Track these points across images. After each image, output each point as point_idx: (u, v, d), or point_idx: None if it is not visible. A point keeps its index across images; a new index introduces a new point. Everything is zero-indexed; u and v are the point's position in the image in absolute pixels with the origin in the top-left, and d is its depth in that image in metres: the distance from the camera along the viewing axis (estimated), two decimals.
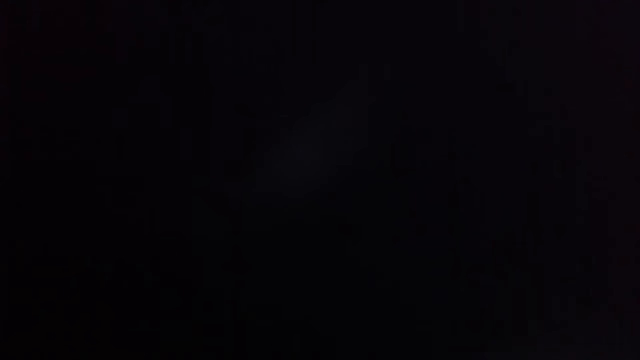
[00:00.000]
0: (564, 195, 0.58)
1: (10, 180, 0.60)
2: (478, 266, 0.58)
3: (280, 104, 0.60)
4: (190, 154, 0.59)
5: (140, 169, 0.59)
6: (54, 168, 0.60)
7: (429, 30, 0.60)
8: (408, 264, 0.58)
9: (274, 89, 0.60)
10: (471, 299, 0.57)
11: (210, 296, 0.58)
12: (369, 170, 0.59)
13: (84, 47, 0.61)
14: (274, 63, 0.60)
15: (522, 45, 0.60)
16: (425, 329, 0.57)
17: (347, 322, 0.57)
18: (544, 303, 0.57)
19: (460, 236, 0.58)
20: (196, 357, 0.58)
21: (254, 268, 0.58)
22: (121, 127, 0.60)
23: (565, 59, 0.60)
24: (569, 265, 0.58)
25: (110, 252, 0.59)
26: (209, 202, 0.59)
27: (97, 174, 0.59)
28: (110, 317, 0.58)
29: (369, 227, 0.58)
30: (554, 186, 0.58)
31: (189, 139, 0.59)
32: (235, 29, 0.60)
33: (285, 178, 0.59)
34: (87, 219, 0.59)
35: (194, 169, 0.59)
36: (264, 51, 0.60)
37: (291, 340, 0.58)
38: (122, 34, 0.61)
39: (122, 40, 0.61)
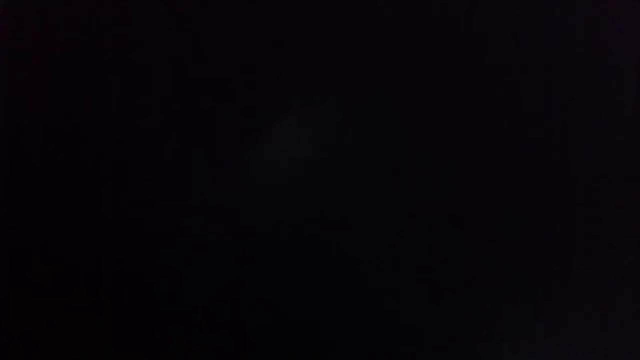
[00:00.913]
0: (563, 194, 0.58)
1: (10, 180, 0.60)
2: (475, 266, 0.58)
3: (277, 103, 0.60)
4: (186, 154, 0.59)
5: (135, 169, 0.59)
6: (53, 168, 0.60)
7: (427, 29, 0.60)
8: (405, 263, 0.58)
9: (272, 88, 0.60)
10: (469, 298, 0.57)
11: (206, 295, 0.58)
12: (367, 169, 0.59)
13: (83, 46, 0.61)
14: (270, 62, 0.60)
15: (521, 44, 0.60)
16: (422, 328, 0.57)
17: (343, 321, 0.58)
18: (543, 303, 0.57)
19: (457, 235, 0.58)
20: (193, 357, 0.58)
21: (249, 267, 0.58)
22: (117, 127, 0.60)
23: (564, 58, 0.60)
24: (569, 264, 0.58)
25: (105, 251, 0.59)
26: (203, 201, 0.59)
27: (94, 173, 0.59)
28: (107, 317, 0.58)
29: (366, 226, 0.58)
30: (553, 186, 0.58)
31: (185, 139, 0.59)
32: (233, 28, 0.60)
33: (284, 177, 0.59)
34: (83, 218, 0.59)
35: (189, 168, 0.59)
36: (261, 50, 0.60)
37: (285, 339, 0.58)
38: (120, 33, 0.61)
39: (120, 39, 0.61)
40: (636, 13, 0.60)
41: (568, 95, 0.59)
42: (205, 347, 0.58)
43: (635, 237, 0.58)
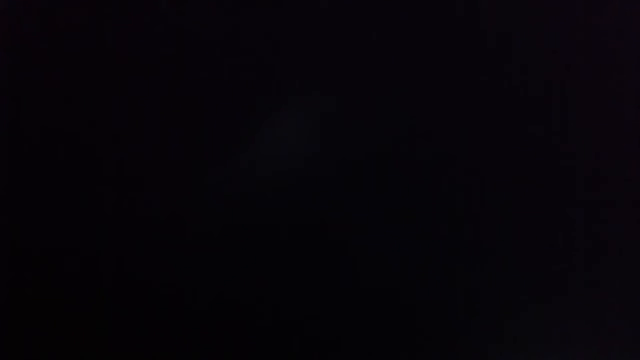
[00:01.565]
0: (563, 194, 0.58)
1: (10, 180, 0.60)
2: (475, 265, 0.58)
3: (276, 102, 0.60)
4: (187, 154, 0.59)
5: (135, 168, 0.59)
6: (53, 168, 0.60)
7: (427, 27, 0.60)
8: (406, 263, 0.58)
9: (273, 87, 0.60)
10: (469, 298, 0.57)
11: (206, 294, 0.58)
12: (368, 169, 0.59)
13: (82, 46, 0.61)
14: (271, 61, 0.60)
15: (521, 44, 0.60)
16: (423, 328, 0.57)
17: (343, 321, 0.58)
18: (543, 303, 0.57)
19: (458, 235, 0.58)
20: (193, 356, 0.58)
21: (249, 266, 0.58)
22: (117, 126, 0.60)
23: (564, 58, 0.60)
24: (568, 264, 0.58)
25: (105, 251, 0.59)
26: (203, 200, 0.59)
27: (94, 172, 0.59)
28: (107, 316, 0.58)
29: (366, 226, 0.58)
30: (552, 185, 0.58)
31: (185, 138, 0.60)
32: (231, 27, 0.60)
33: (284, 177, 0.59)
34: (83, 217, 0.59)
35: (190, 168, 0.59)
36: (261, 50, 0.60)
37: (285, 339, 0.58)
38: (118, 33, 0.61)
39: (117, 38, 0.61)
40: (636, 13, 0.60)
41: (568, 95, 0.59)
42: (205, 346, 0.58)
43: (635, 237, 0.58)
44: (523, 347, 0.57)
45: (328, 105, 0.59)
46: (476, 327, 0.57)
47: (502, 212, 0.58)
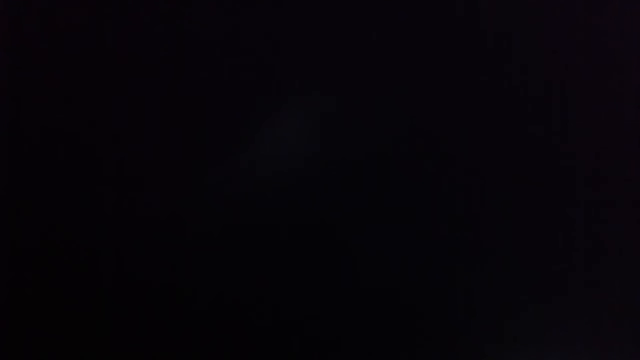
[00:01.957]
0: (563, 194, 0.58)
1: (11, 180, 0.60)
2: (475, 266, 0.58)
3: (276, 102, 0.60)
4: (188, 154, 0.59)
5: (136, 167, 0.59)
6: (53, 167, 0.60)
7: (428, 27, 0.60)
8: (404, 263, 0.58)
9: (270, 87, 0.60)
10: (468, 299, 0.57)
11: (207, 294, 0.58)
12: (368, 168, 0.59)
13: (82, 46, 0.61)
14: (272, 60, 0.60)
15: (521, 44, 0.60)
16: (423, 328, 0.57)
17: (339, 322, 0.57)
18: (543, 303, 0.57)
19: (458, 235, 0.58)
20: (192, 355, 0.58)
21: (249, 266, 0.58)
22: (118, 125, 0.60)
23: (565, 58, 0.60)
24: (568, 264, 0.58)
25: (106, 250, 0.59)
26: (204, 200, 0.59)
27: (95, 171, 0.59)
28: (107, 316, 0.58)
29: (366, 226, 0.58)
30: (553, 185, 0.58)
31: (186, 138, 0.60)
32: (231, 27, 0.60)
33: (285, 176, 0.59)
34: (83, 216, 0.59)
35: (192, 168, 0.59)
36: (262, 49, 0.60)
37: (285, 339, 0.58)
38: (118, 33, 0.61)
39: (117, 38, 0.61)
40: (636, 13, 0.60)
41: (568, 95, 0.59)
42: (205, 346, 0.58)
43: (635, 237, 0.58)
44: (523, 347, 0.57)
45: (328, 105, 0.59)
46: (476, 327, 0.57)
47: (502, 212, 0.58)
